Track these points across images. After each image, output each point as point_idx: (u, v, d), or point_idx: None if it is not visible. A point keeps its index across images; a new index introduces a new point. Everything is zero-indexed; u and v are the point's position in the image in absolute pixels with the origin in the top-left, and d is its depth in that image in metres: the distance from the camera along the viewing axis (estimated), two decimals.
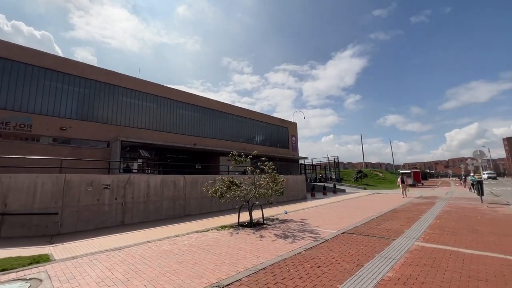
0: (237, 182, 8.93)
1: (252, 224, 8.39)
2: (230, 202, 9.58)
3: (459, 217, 9.38)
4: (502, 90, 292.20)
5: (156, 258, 5.08)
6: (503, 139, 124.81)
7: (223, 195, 8.68)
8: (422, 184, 37.55)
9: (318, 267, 4.46)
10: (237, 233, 7.40)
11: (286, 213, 11.11)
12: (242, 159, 9.24)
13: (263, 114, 28.70)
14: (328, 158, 43.46)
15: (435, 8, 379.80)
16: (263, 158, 9.33)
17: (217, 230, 7.84)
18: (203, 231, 7.69)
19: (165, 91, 20.53)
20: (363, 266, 4.45)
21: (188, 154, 22.44)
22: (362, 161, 61.53)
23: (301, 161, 33.32)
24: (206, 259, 4.99)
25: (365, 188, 31.51)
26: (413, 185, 32.62)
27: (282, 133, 30.30)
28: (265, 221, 8.98)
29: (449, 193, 21.73)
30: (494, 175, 53.26)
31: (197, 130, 21.84)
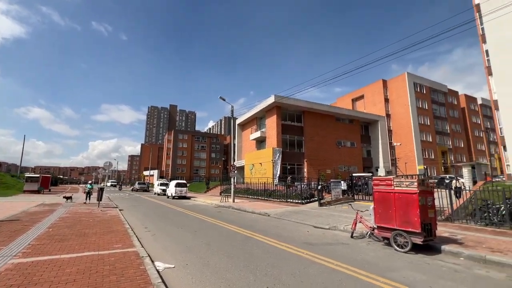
0: None
1: None
2: None
3: (74, 222, 9.77)
4: (139, 119, 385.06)
5: None
6: (129, 156, 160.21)
7: None
8: (50, 190, 34.60)
9: None
10: None
11: None
12: None
13: None
14: None
15: (116, 25, 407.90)
16: None
17: None
18: None
19: None
20: None
21: None
22: None
23: None
24: None
25: None
26: (37, 191, 28.84)
27: None
28: None
29: (74, 199, 22.18)
30: (115, 182, 65.28)
31: None
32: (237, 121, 40.28)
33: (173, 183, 26.64)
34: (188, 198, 25.51)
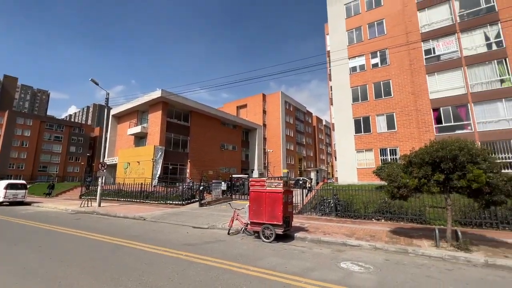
0: None
1: None
2: None
3: None
4: None
5: None
6: None
7: None
8: None
9: None
10: None
11: None
12: None
13: None
14: None
15: None
16: None
17: None
18: None
19: None
20: None
21: None
22: None
23: None
24: None
25: None
26: None
27: None
28: None
29: None
30: None
31: None
32: (112, 112, 34.46)
33: (1, 183, 19.30)
34: (28, 203, 19.23)
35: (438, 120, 17.57)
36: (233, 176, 23.98)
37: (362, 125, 20.35)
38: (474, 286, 4.66)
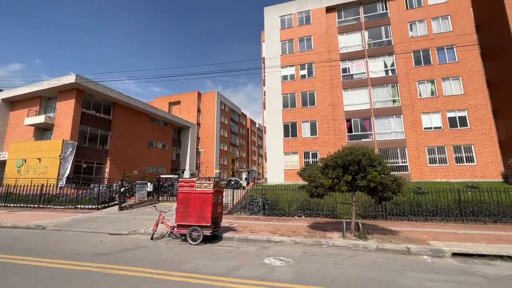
0: None
1: None
2: None
3: None
4: None
5: None
6: None
7: None
8: None
9: None
10: None
11: None
12: None
13: None
14: None
15: None
16: None
17: None
18: None
19: None
20: None
21: None
22: None
23: None
24: None
25: None
26: None
27: None
28: None
29: None
30: None
31: None
32: (3, 95, 27.39)
33: None
34: None
35: (350, 129, 20.68)
36: (162, 176, 22.40)
37: (290, 130, 22.14)
38: (367, 268, 5.66)
